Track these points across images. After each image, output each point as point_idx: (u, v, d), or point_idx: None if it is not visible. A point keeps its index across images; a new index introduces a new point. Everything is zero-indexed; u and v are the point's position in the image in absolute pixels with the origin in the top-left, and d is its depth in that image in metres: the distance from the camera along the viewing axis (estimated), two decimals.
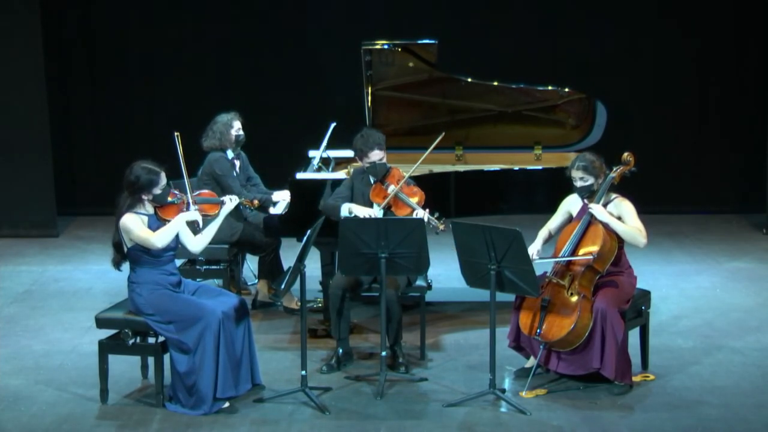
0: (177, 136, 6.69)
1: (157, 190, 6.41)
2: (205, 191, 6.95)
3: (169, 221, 6.45)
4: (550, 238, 6.97)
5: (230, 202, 6.75)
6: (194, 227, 6.56)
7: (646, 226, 6.72)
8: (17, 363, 7.28)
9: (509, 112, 8.68)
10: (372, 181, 7.31)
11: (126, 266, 6.51)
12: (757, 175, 11.28)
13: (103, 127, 11.74)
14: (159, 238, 6.36)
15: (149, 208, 6.46)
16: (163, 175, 6.44)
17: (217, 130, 8.15)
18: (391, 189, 7.17)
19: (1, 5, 10.57)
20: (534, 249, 6.74)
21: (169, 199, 6.49)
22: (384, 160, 7.25)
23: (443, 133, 7.45)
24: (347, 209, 7.19)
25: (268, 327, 7.96)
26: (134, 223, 6.35)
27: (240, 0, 11.58)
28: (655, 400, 6.56)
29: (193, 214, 6.51)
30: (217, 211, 6.70)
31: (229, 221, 7.90)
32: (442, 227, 6.92)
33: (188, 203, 6.54)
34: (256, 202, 7.09)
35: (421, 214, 6.98)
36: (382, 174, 7.26)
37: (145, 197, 6.41)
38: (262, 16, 11.58)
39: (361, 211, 7.17)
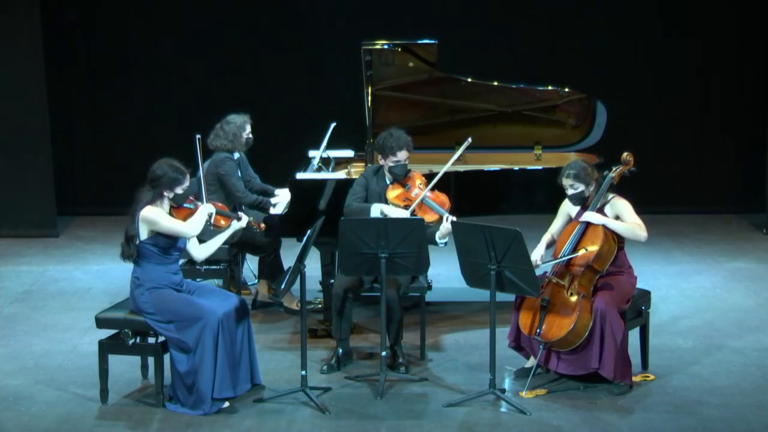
0: (198, 139, 6.71)
1: (179, 190, 6.46)
2: (218, 204, 6.97)
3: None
4: (553, 243, 6.97)
5: (243, 219, 6.80)
6: (207, 222, 6.61)
7: (645, 225, 6.72)
8: (17, 363, 7.28)
9: (509, 112, 8.67)
10: (389, 181, 7.29)
11: (126, 269, 6.52)
12: (757, 175, 11.28)
13: (103, 127, 11.73)
14: (191, 227, 6.44)
15: (166, 207, 6.48)
16: (188, 177, 6.50)
17: (230, 131, 8.12)
18: (416, 193, 7.15)
19: (1, 5, 10.57)
20: (537, 254, 6.74)
21: (186, 203, 6.53)
22: (407, 162, 7.24)
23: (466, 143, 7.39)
24: (378, 210, 7.14)
25: (268, 327, 7.97)
26: (160, 214, 6.38)
27: (240, 0, 11.58)
28: (655, 400, 6.56)
29: (210, 207, 6.60)
30: (227, 225, 6.73)
31: None
32: None
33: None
34: (262, 225, 7.11)
35: (451, 220, 6.92)
36: (402, 176, 7.25)
37: (166, 194, 6.44)
38: (262, 16, 11.58)
39: (393, 213, 7.13)
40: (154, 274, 6.44)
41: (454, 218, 6.93)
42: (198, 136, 6.82)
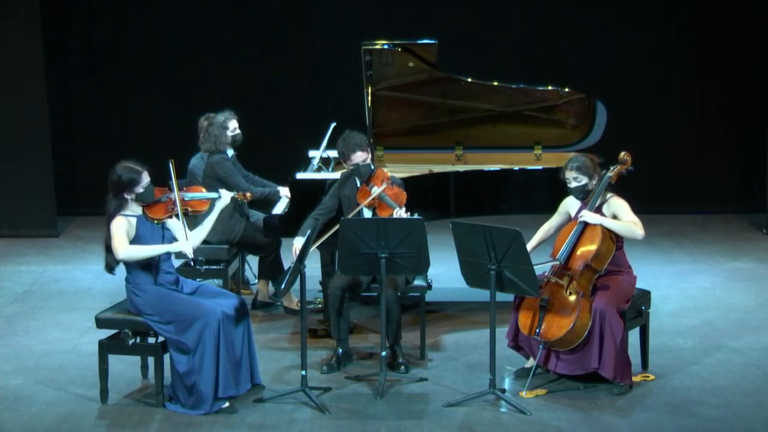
0: (171, 162, 6.47)
1: (140, 189, 6.38)
2: (194, 187, 6.88)
3: (156, 221, 6.43)
4: (549, 237, 6.97)
5: (225, 195, 6.70)
6: (183, 256, 6.53)
7: (644, 225, 6.72)
8: (17, 363, 7.28)
9: (509, 112, 8.67)
10: (358, 184, 7.29)
11: (119, 269, 6.49)
12: (757, 175, 11.28)
13: (103, 127, 11.74)
14: (125, 252, 6.30)
15: (136, 209, 6.44)
16: (145, 174, 6.40)
17: (212, 132, 8.09)
18: (375, 190, 7.15)
19: (1, 6, 10.57)
20: (528, 248, 6.74)
21: (156, 197, 6.46)
22: (367, 161, 7.23)
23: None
24: (300, 238, 7.08)
25: (268, 327, 7.97)
26: (117, 228, 6.33)
27: (240, 0, 11.58)
28: (655, 400, 6.56)
29: (183, 247, 6.41)
30: (206, 208, 6.64)
31: (230, 222, 7.91)
32: None
33: (175, 201, 6.49)
34: (248, 195, 6.99)
35: (402, 214, 6.95)
36: (367, 175, 7.24)
37: (128, 196, 6.38)
38: (263, 16, 11.58)
39: (296, 243, 7.04)
40: (146, 277, 6.42)
41: (403, 212, 6.92)
42: (171, 160, 6.49)
